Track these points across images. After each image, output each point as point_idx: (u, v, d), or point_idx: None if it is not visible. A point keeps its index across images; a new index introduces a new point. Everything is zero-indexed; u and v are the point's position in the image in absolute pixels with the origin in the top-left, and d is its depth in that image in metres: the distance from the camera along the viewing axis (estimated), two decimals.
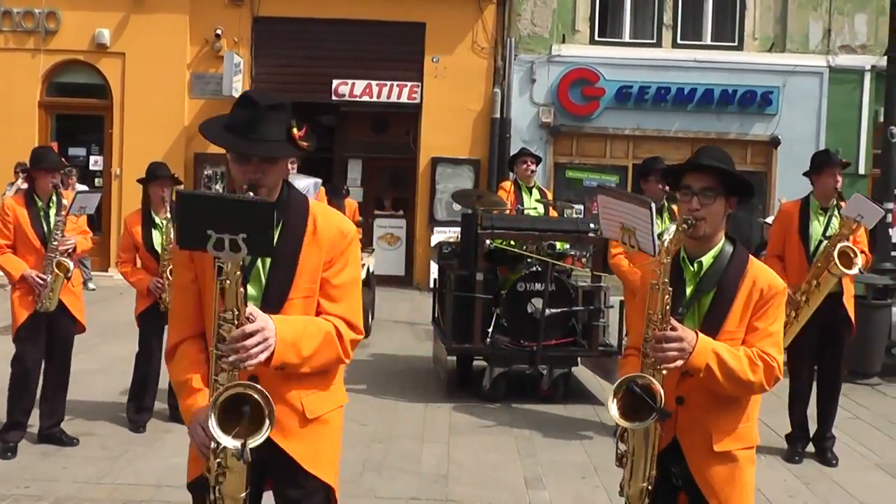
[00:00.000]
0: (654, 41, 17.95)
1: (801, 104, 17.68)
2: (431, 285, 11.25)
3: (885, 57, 11.64)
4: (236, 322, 2.85)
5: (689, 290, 3.42)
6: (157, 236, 7.33)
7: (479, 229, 8.67)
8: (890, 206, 11.15)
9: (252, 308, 2.90)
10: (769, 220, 12.19)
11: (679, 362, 3.20)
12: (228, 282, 2.81)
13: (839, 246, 6.84)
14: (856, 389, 9.76)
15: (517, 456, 7.07)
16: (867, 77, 17.73)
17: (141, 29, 17.38)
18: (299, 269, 3.07)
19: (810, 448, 7.44)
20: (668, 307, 3.23)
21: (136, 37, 17.38)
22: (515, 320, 8.65)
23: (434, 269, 10.86)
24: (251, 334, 2.84)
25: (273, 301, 3.05)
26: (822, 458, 7.30)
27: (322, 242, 3.12)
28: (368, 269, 12.16)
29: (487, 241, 8.76)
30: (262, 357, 2.87)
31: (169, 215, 7.32)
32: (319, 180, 6.09)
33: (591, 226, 8.79)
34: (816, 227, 7.16)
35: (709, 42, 18.01)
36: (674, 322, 3.23)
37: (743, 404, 3.45)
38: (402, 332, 12.66)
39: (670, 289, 3.25)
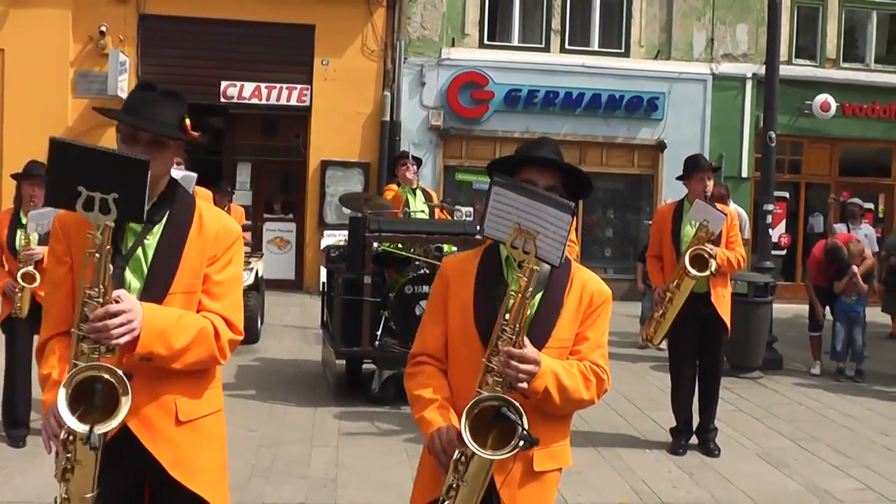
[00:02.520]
0: (543, 46, 18.15)
1: (685, 110, 18.14)
2: (321, 289, 11.16)
3: (765, 65, 12.02)
4: (102, 301, 2.72)
5: None
6: (20, 236, 6.87)
7: (367, 232, 8.62)
8: (770, 207, 11.51)
9: (121, 291, 2.81)
10: None
11: (525, 385, 2.83)
12: (98, 255, 2.69)
13: (691, 251, 7.01)
14: (738, 383, 10.06)
15: (406, 459, 7.02)
16: (749, 84, 18.31)
17: (21, 24, 16.64)
18: (182, 262, 3.01)
19: (694, 441, 7.62)
20: (524, 320, 2.83)
21: (15, 32, 16.65)
22: (404, 323, 8.62)
23: (324, 272, 10.78)
24: (115, 314, 2.72)
25: (154, 293, 2.95)
26: (705, 449, 7.50)
27: (207, 238, 3.07)
28: (258, 274, 11.99)
29: (375, 244, 8.73)
30: (124, 340, 2.74)
31: None
32: (195, 175, 6.02)
33: (478, 228, 8.81)
34: (688, 231, 7.29)
35: (596, 48, 18.31)
36: (525, 339, 2.84)
37: (565, 423, 3.17)
38: (291, 336, 12.54)
39: (529, 301, 2.84)
